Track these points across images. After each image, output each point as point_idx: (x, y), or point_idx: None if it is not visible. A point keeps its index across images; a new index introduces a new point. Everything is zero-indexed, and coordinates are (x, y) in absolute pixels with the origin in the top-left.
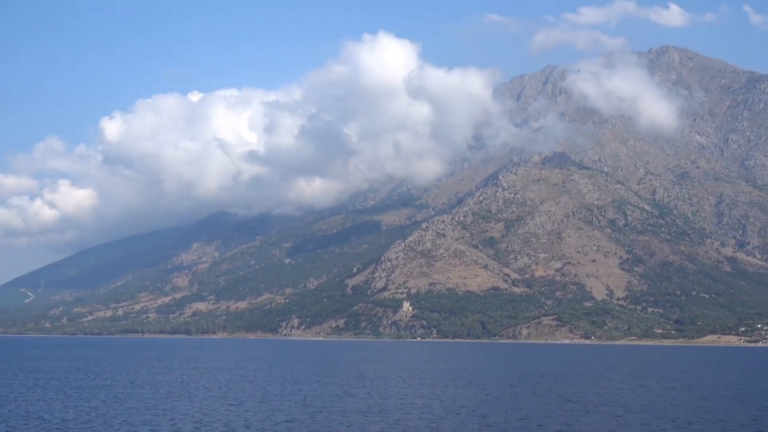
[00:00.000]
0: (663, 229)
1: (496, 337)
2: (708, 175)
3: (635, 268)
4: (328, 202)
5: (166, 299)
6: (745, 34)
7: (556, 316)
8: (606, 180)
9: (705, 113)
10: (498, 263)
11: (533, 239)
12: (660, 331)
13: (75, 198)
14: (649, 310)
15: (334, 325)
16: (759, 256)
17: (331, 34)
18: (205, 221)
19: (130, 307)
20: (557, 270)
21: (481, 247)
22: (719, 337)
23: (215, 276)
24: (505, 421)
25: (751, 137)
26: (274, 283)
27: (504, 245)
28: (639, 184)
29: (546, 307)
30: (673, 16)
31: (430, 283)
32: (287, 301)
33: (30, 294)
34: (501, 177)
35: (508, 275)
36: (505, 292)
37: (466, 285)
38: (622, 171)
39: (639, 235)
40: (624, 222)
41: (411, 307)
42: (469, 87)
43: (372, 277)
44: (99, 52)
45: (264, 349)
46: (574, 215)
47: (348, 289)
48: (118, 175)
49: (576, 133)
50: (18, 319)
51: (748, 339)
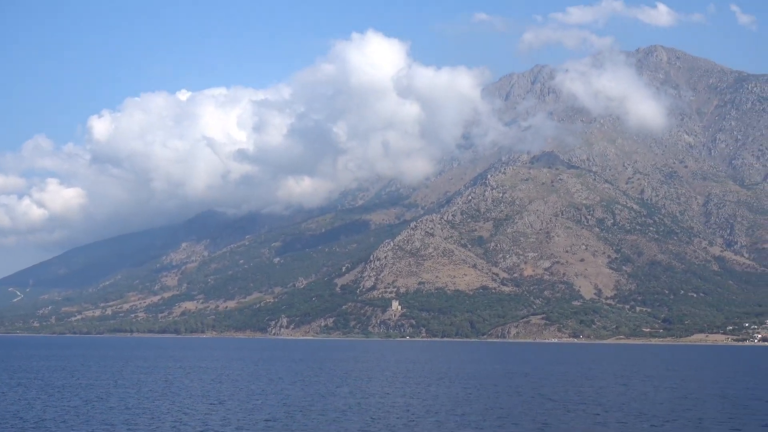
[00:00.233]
0: (651, 228)
1: (485, 336)
2: (696, 175)
3: (623, 268)
4: (317, 201)
5: (155, 298)
6: (733, 33)
7: (544, 315)
8: (594, 179)
9: (693, 113)
10: (487, 262)
11: (522, 238)
12: (648, 330)
13: (63, 197)
14: (638, 309)
15: (323, 324)
16: (746, 256)
17: (320, 33)
18: (194, 220)
19: (119, 306)
20: (546, 269)
21: (469, 246)
22: (707, 336)
23: (204, 275)
24: (483, 420)
25: (739, 137)
26: (263, 283)
27: (493, 244)
28: (627, 184)
29: (534, 306)
30: (661, 15)
31: (419, 283)
32: (276, 300)
33: (18, 293)
34: (490, 176)
35: (497, 274)
36: (493, 291)
37: (454, 284)
38: (610, 170)
39: (627, 235)
40: (612, 221)
41: (400, 307)
42: (458, 86)
43: (361, 277)
44: (87, 51)
45: (252, 349)
46: (562, 214)
47: (337, 289)
48: (107, 174)
49: (565, 133)
50: (6, 319)
51: (735, 338)
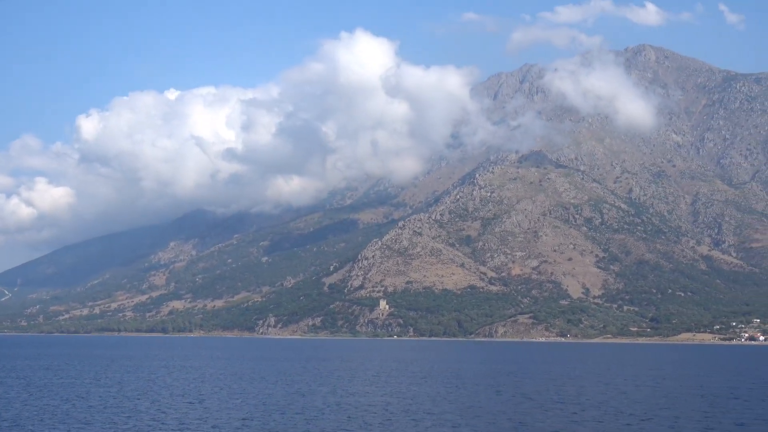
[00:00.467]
0: (639, 227)
1: (473, 336)
2: (684, 174)
3: (611, 267)
4: (305, 201)
5: (143, 297)
6: (721, 33)
7: (532, 315)
8: (582, 179)
9: (681, 112)
10: (474, 262)
11: (510, 238)
12: (635, 329)
13: (52, 196)
14: (625, 308)
15: (310, 323)
16: (734, 255)
17: (309, 32)
18: (183, 219)
19: (107, 305)
20: (533, 268)
21: (457, 245)
22: (694, 335)
23: (192, 274)
24: (460, 418)
25: (727, 136)
26: (251, 282)
27: (480, 244)
28: (615, 183)
29: (522, 306)
30: (650, 14)
31: (407, 282)
32: (264, 299)
33: (6, 292)
34: (478, 175)
35: (485, 273)
36: (481, 290)
37: (442, 283)
38: (598, 170)
39: (615, 234)
40: (600, 220)
41: (388, 306)
42: (447, 85)
43: (349, 276)
44: (75, 50)
45: (238, 348)
46: (550, 214)
47: (325, 288)
48: (95, 173)
49: (553, 132)
50: None
51: (722, 337)
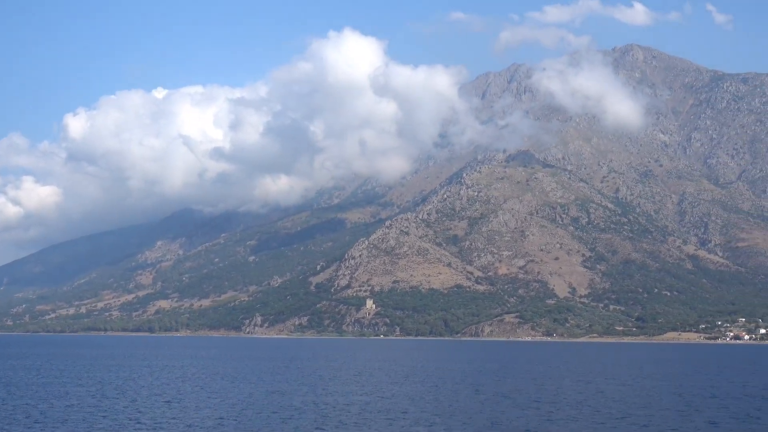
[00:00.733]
0: (626, 227)
1: (459, 335)
2: (671, 174)
3: (598, 266)
4: (293, 200)
5: (130, 297)
6: (709, 33)
7: (518, 314)
8: (569, 178)
9: (668, 112)
10: (461, 261)
11: (497, 237)
12: (621, 328)
13: (39, 195)
14: (611, 307)
15: (297, 322)
16: (720, 254)
17: (297, 31)
18: (170, 219)
19: (93, 304)
20: (520, 268)
21: (444, 245)
22: (679, 335)
23: (179, 274)
24: (436, 417)
25: (714, 136)
26: (238, 281)
27: (467, 243)
28: (602, 183)
29: (509, 305)
30: (638, 14)
31: (394, 281)
32: (251, 299)
33: None
34: (465, 175)
35: (472, 273)
36: (468, 289)
37: (429, 283)
38: (585, 169)
39: (602, 233)
40: (587, 220)
41: (374, 305)
42: (435, 85)
43: (335, 275)
44: (62, 48)
45: (223, 348)
46: (537, 213)
47: (311, 287)
48: (83, 172)
49: (541, 131)
50: None
51: (707, 336)
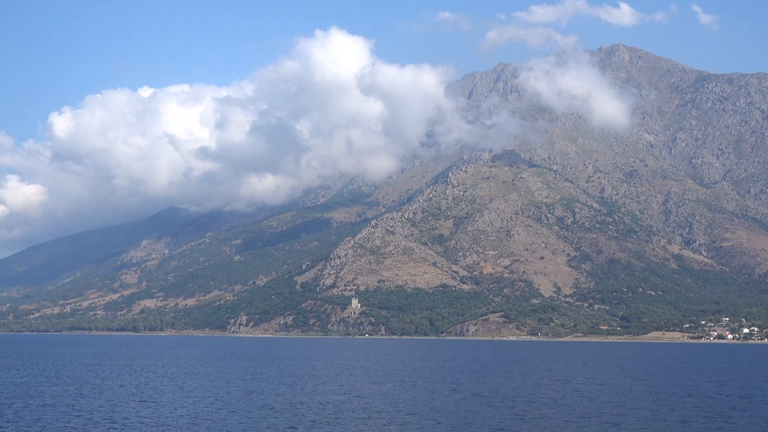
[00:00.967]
0: (611, 226)
1: (444, 334)
2: (656, 173)
3: (583, 266)
4: (279, 199)
5: (115, 296)
6: (694, 33)
7: (503, 313)
8: (555, 178)
9: (654, 112)
10: (447, 260)
11: (482, 236)
12: (605, 327)
13: (24, 194)
14: (596, 306)
15: (282, 322)
16: (705, 254)
17: (284, 31)
18: (156, 218)
19: (78, 304)
20: (505, 267)
21: (430, 244)
22: (664, 334)
23: (164, 273)
24: (409, 416)
25: (699, 136)
26: (224, 280)
27: (453, 242)
28: (588, 182)
29: (494, 304)
30: (624, 15)
31: (379, 281)
32: (236, 298)
33: None
34: (451, 174)
35: (457, 272)
36: (453, 289)
37: (414, 282)
38: (571, 169)
39: (587, 233)
40: (572, 219)
41: (359, 305)
42: (422, 84)
43: (321, 275)
44: (48, 47)
45: (206, 347)
46: (522, 213)
47: (297, 287)
48: (68, 171)
49: (528, 131)
50: None
51: (691, 335)
